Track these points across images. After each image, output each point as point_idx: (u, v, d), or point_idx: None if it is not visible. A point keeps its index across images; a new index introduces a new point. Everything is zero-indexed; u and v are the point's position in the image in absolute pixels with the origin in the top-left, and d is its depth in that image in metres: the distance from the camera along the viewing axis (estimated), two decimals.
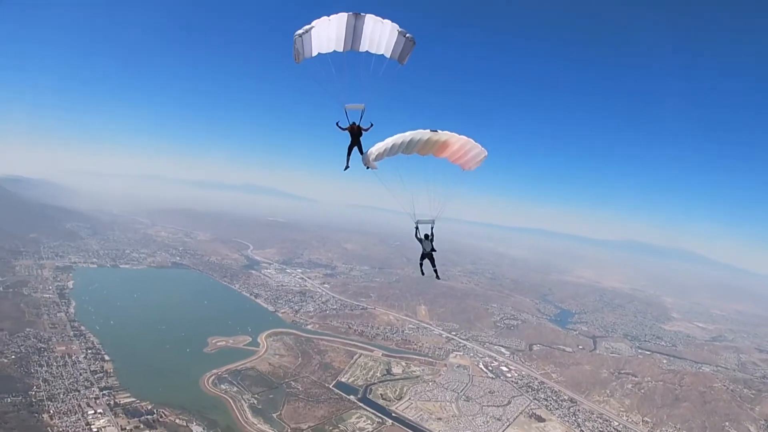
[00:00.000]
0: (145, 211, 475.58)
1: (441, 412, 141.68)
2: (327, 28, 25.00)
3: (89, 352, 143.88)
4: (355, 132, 27.35)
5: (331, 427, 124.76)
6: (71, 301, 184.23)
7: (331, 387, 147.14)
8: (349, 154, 27.69)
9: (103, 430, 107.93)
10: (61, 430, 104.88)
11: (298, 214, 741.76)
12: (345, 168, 27.98)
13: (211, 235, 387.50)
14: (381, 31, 25.21)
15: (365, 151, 27.50)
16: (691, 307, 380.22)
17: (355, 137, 27.48)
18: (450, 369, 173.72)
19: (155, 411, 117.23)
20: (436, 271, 31.52)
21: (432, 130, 27.18)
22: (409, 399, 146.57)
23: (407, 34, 25.30)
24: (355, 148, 27.72)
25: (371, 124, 27.39)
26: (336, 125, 27.27)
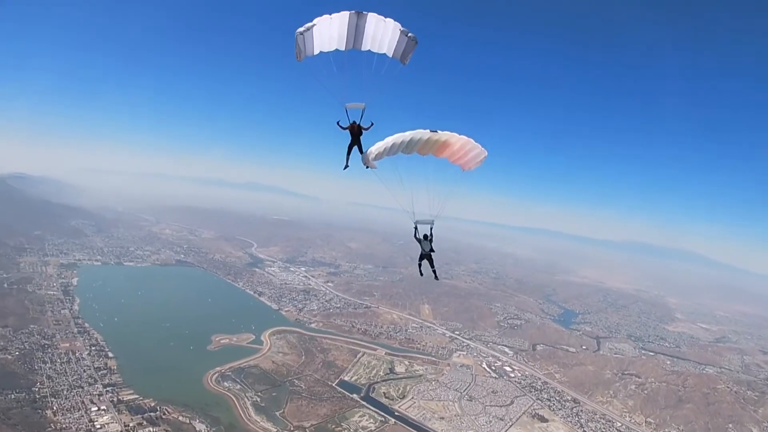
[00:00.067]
0: (150, 209, 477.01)
1: (444, 412, 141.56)
2: (329, 26, 24.70)
3: (93, 349, 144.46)
4: (356, 131, 27.15)
5: (333, 426, 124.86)
6: (75, 298, 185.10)
7: (334, 385, 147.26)
8: (348, 154, 27.50)
9: (106, 426, 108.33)
10: (64, 426, 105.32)
11: (302, 212, 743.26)
12: (344, 167, 27.80)
13: (215, 233, 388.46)
14: (383, 30, 24.88)
15: (365, 150, 27.30)
16: (695, 308, 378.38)
17: (355, 136, 27.28)
18: (453, 368, 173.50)
19: (158, 408, 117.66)
20: (434, 271, 31.35)
21: (432, 130, 26.92)
22: (412, 398, 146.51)
23: (409, 34, 24.90)
24: (355, 148, 27.52)
25: (371, 124, 27.17)
26: (336, 124, 27.12)
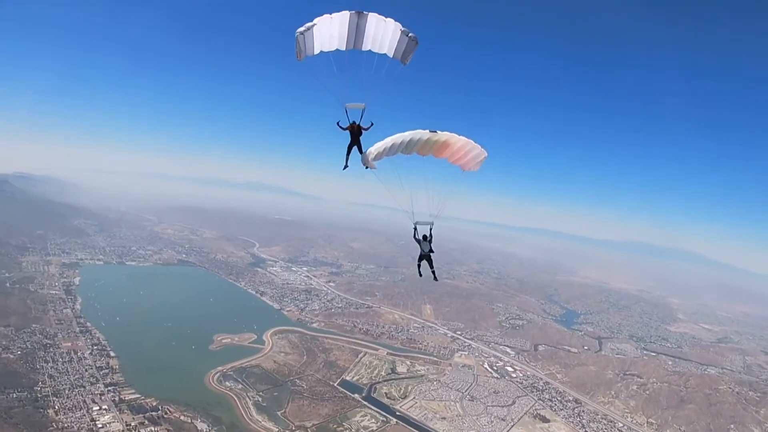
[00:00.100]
0: (152, 209, 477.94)
1: (445, 412, 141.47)
2: (329, 26, 24.63)
3: (95, 348, 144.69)
4: (355, 131, 27.06)
5: (335, 426, 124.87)
6: (77, 297, 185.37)
7: (335, 385, 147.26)
8: (348, 154, 27.40)
9: (108, 426, 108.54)
10: (66, 425, 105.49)
11: (304, 212, 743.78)
12: (344, 167, 27.72)
13: (217, 233, 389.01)
14: (384, 30, 24.78)
15: (365, 150, 27.19)
16: (697, 309, 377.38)
17: (355, 137, 27.19)
18: (455, 368, 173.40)
19: (160, 407, 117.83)
20: (434, 272, 31.25)
21: (431, 130, 26.78)
22: (414, 398, 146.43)
23: (410, 34, 24.76)
24: (355, 148, 27.42)
25: (371, 124, 27.06)
26: (336, 125, 27.01)
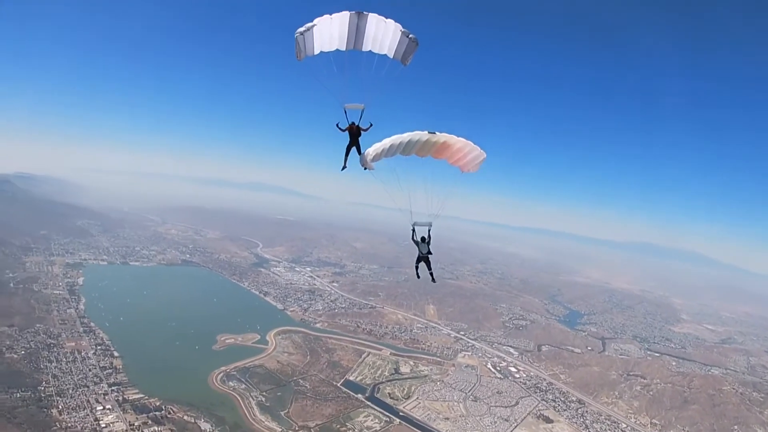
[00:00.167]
0: (155, 209, 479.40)
1: (449, 412, 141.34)
2: (329, 26, 24.57)
3: (98, 348, 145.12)
4: (354, 132, 26.93)
5: (338, 426, 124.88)
6: (81, 297, 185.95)
7: (339, 385, 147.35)
8: (347, 155, 27.29)
9: (111, 425, 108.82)
10: (69, 425, 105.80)
11: (307, 212, 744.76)
12: (342, 168, 27.62)
13: (221, 233, 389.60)
14: (384, 31, 24.72)
15: (363, 151, 27.06)
16: (701, 309, 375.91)
17: (354, 137, 27.07)
18: (458, 369, 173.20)
19: (163, 407, 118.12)
20: (431, 274, 31.19)
21: (430, 131, 26.59)
22: (417, 398, 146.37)
23: (410, 35, 24.69)
24: (354, 149, 27.28)
25: (370, 124, 26.92)
26: (336, 126, 26.85)
